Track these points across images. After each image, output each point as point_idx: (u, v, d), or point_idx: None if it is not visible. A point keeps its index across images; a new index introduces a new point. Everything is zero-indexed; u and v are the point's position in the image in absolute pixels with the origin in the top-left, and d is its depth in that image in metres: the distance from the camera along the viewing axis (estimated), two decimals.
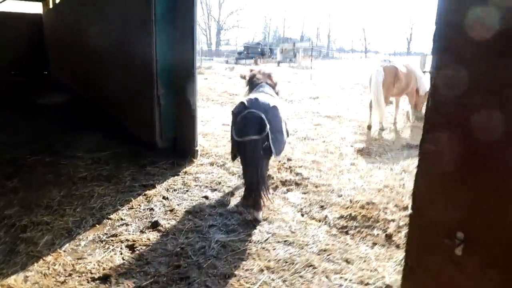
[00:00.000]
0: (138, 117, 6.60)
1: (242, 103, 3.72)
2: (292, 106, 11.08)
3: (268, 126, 3.54)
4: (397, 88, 8.33)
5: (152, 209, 3.95)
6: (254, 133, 3.54)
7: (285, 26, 78.94)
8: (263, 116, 3.54)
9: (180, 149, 5.72)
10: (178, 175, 4.90)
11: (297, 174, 4.91)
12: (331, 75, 20.93)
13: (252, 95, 3.88)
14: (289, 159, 5.55)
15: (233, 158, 4.06)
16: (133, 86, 6.70)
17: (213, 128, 7.78)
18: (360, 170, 5.23)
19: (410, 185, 4.64)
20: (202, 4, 74.42)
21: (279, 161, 5.42)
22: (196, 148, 5.50)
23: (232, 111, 3.79)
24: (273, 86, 4.35)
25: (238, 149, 3.79)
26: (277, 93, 4.38)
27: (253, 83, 4.35)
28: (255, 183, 3.64)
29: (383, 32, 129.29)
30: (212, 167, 5.21)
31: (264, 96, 3.89)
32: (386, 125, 8.24)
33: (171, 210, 3.91)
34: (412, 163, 5.63)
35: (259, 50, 33.16)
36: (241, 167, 3.89)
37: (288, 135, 4.17)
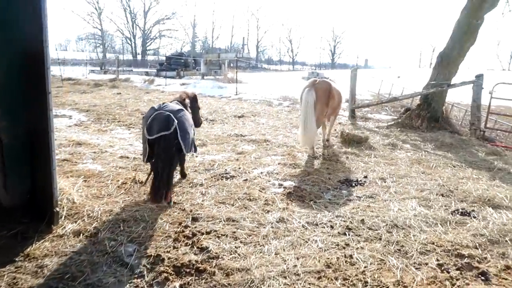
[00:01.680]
0: None
1: (152, 107, 4.34)
2: (213, 129, 9.57)
3: (176, 121, 4.09)
4: (331, 107, 7.24)
5: None
6: (164, 130, 4.04)
7: (213, 37, 77.20)
8: (171, 115, 4.13)
9: (35, 209, 3.90)
10: (14, 261, 3.12)
11: (202, 249, 3.36)
12: (258, 89, 19.85)
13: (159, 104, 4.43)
14: (194, 219, 4.01)
15: (147, 160, 4.34)
16: None
17: (105, 164, 6.00)
18: (291, 231, 3.85)
19: (359, 256, 3.34)
20: (126, 12, 70.88)
21: (180, 224, 3.86)
22: (56, 209, 3.74)
23: (143, 116, 4.36)
24: (180, 101, 4.92)
25: (152, 148, 4.18)
26: (185, 107, 4.85)
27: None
28: (165, 179, 4.08)
29: (309, 44, 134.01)
30: (76, 242, 3.49)
31: (172, 104, 4.56)
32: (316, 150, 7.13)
33: None
34: (355, 212, 4.40)
35: (182, 61, 31.22)
36: None
37: (195, 150, 4.70)
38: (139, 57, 71.17)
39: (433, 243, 3.72)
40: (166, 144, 4.06)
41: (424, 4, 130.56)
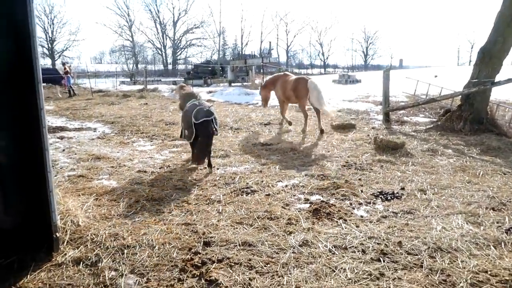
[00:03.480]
0: None
1: (193, 103, 6.24)
2: (237, 138, 9.22)
3: (215, 114, 6.17)
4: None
5: None
6: (206, 117, 5.98)
7: (242, 43, 77.46)
8: (209, 107, 6.19)
9: (35, 235, 3.63)
10: None
11: (210, 283, 2.96)
12: None
13: (195, 101, 6.39)
14: (206, 243, 3.62)
15: (193, 141, 6.24)
16: None
17: (120, 180, 5.76)
18: (315, 257, 3.37)
19: None
20: (156, 23, 72.44)
21: (189, 249, 3.48)
22: (56, 235, 3.46)
23: (185, 110, 6.32)
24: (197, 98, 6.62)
25: (197, 130, 6.01)
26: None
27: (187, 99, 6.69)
28: (208, 150, 6.20)
29: (340, 46, 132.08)
30: (75, 272, 3.17)
31: (202, 101, 6.52)
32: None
33: None
34: (391, 231, 3.87)
35: (209, 69, 31.14)
36: None
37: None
38: (170, 67, 72.49)
39: (486, 271, 3.14)
40: (207, 125, 6.00)
41: None
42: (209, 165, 6.31)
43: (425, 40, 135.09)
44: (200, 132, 6.02)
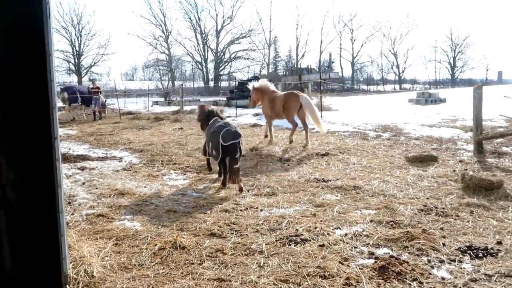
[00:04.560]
0: None
1: (219, 125, 7.88)
2: (287, 172, 9.20)
3: (241, 136, 7.84)
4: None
5: None
6: (235, 139, 7.57)
7: (298, 55, 78.44)
8: (237, 129, 7.84)
9: (40, 284, 3.77)
10: None
11: None
12: (350, 117, 19.24)
13: (221, 122, 8.11)
14: None
15: (220, 161, 7.86)
16: None
17: (145, 222, 5.91)
18: None
19: None
20: (196, 33, 75.45)
21: None
22: (67, 287, 3.57)
23: (212, 131, 7.92)
24: (221, 118, 8.56)
25: (225, 152, 7.58)
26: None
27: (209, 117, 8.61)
28: (237, 169, 7.59)
29: (420, 57, 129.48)
30: None
31: (228, 121, 8.56)
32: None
33: None
34: None
35: None
36: None
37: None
38: (211, 83, 74.57)
39: None
40: (235, 147, 7.58)
41: None
42: (240, 189, 7.51)
43: None
44: (228, 154, 7.58)
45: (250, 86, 14.31)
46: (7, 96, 3.37)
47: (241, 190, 7.47)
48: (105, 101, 26.63)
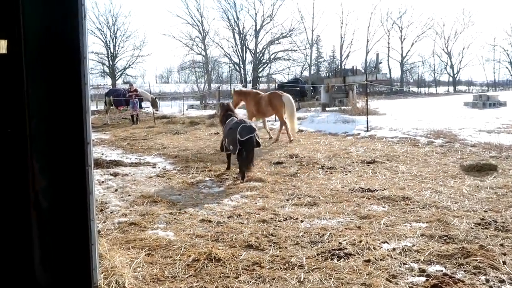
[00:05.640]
0: None
1: (236, 122, 9.52)
2: (330, 180, 9.12)
3: (256, 129, 9.43)
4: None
5: None
6: (251, 133, 9.09)
7: (342, 55, 77.74)
8: (252, 124, 9.50)
9: None
10: None
11: None
12: (399, 122, 18.90)
13: (237, 120, 9.79)
14: None
15: (233, 152, 9.40)
16: None
17: (179, 231, 5.99)
18: None
19: None
20: (234, 33, 76.13)
21: None
22: None
23: (229, 127, 9.44)
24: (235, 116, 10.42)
25: (242, 145, 9.01)
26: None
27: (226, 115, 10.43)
28: (252, 161, 9.33)
29: (478, 56, 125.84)
30: None
31: (244, 118, 10.53)
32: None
33: None
34: None
35: (298, 89, 31.53)
36: None
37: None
38: (249, 86, 74.97)
39: None
40: (251, 141, 9.08)
41: None
42: (242, 177, 9.17)
43: None
44: (245, 147, 9.03)
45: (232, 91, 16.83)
46: (40, 100, 3.50)
47: (243, 178, 9.12)
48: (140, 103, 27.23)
